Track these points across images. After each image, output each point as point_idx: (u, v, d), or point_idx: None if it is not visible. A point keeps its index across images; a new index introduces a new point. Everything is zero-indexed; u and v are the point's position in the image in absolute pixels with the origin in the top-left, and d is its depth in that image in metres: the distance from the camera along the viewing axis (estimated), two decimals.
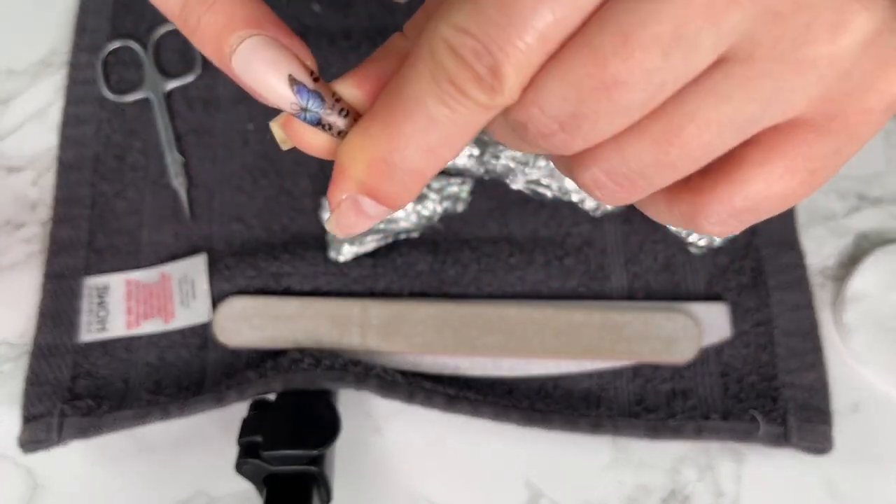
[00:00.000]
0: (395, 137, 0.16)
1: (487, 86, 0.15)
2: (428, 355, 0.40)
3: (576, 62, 0.15)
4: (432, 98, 0.16)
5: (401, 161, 0.17)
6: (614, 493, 0.38)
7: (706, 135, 0.16)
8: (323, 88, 0.18)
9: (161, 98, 0.45)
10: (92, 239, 0.42)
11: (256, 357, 0.40)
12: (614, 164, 0.17)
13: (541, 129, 0.16)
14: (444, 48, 0.16)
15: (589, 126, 0.16)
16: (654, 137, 0.16)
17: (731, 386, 0.39)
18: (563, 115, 0.16)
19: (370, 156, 0.17)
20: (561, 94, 0.16)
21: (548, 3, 0.15)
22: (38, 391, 0.39)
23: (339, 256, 0.41)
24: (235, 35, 0.17)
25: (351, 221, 0.18)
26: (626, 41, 0.15)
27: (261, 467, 0.34)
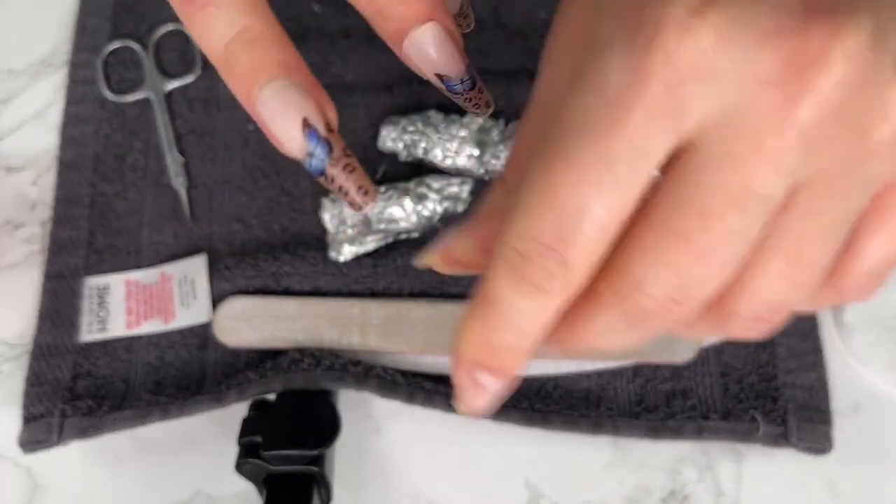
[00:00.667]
0: (491, 327, 0.18)
1: (559, 275, 0.17)
2: (428, 355, 0.40)
3: (663, 248, 0.16)
4: (513, 294, 0.18)
5: (501, 344, 0.19)
6: (614, 494, 0.38)
7: (823, 243, 0.17)
8: (335, 139, 0.19)
9: (161, 98, 0.45)
10: (92, 239, 0.42)
11: (256, 357, 0.40)
12: (755, 307, 0.18)
13: (655, 309, 0.17)
14: (514, 255, 0.17)
15: (697, 291, 0.17)
16: (778, 271, 0.17)
17: (731, 386, 0.39)
18: (671, 293, 0.17)
19: (477, 344, 0.19)
20: (661, 278, 0.17)
21: (593, 197, 0.16)
22: (38, 391, 0.39)
23: (340, 256, 0.41)
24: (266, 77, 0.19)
25: (472, 395, 0.20)
26: (704, 216, 0.16)
27: (261, 467, 0.34)
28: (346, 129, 0.43)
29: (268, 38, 0.19)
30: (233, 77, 0.19)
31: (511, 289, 0.18)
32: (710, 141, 0.16)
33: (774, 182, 0.16)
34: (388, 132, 0.42)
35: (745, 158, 0.16)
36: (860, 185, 0.17)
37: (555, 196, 0.16)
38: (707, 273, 0.17)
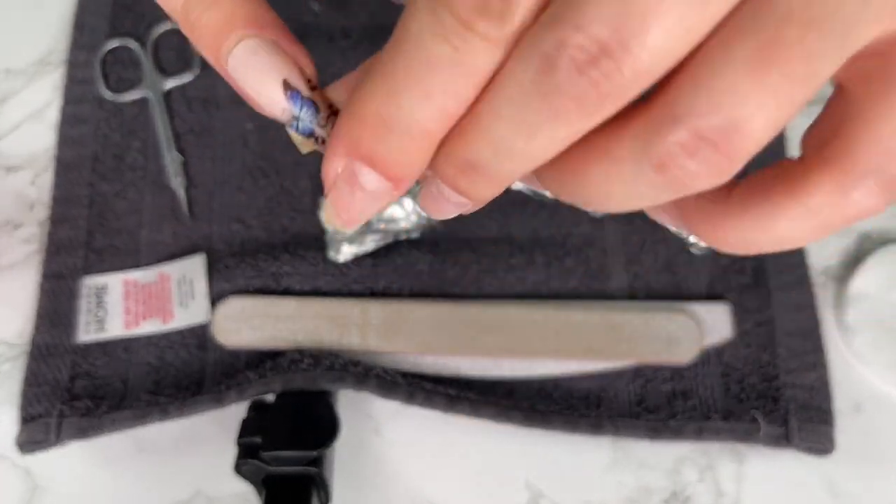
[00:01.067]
0: (391, 86, 0.14)
1: (496, 13, 0.13)
2: (428, 356, 0.40)
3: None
4: (431, 35, 0.13)
5: (398, 113, 0.14)
6: (615, 494, 0.38)
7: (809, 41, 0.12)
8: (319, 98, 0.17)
9: (160, 97, 0.44)
10: (90, 239, 0.42)
11: (256, 357, 0.40)
12: (701, 109, 0.13)
13: (576, 55, 0.12)
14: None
15: (639, 43, 0.12)
16: (746, 58, 0.12)
17: (732, 386, 0.39)
18: (605, 28, 0.12)
19: (365, 111, 0.14)
20: (604, 8, 0.12)
21: None
22: (36, 392, 0.39)
23: (339, 256, 0.40)
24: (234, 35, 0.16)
25: (347, 200, 0.16)
26: None
27: (260, 468, 0.34)
28: None
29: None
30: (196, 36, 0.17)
31: (430, 23, 0.13)
32: None
33: None
34: None
35: None
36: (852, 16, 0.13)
37: None
38: (659, 7, 0.12)
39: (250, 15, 0.16)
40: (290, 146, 0.43)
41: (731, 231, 0.15)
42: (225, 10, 0.16)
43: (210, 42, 0.17)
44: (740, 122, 0.13)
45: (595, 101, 0.13)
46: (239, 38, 0.16)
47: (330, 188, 0.16)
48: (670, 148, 0.13)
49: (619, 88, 0.13)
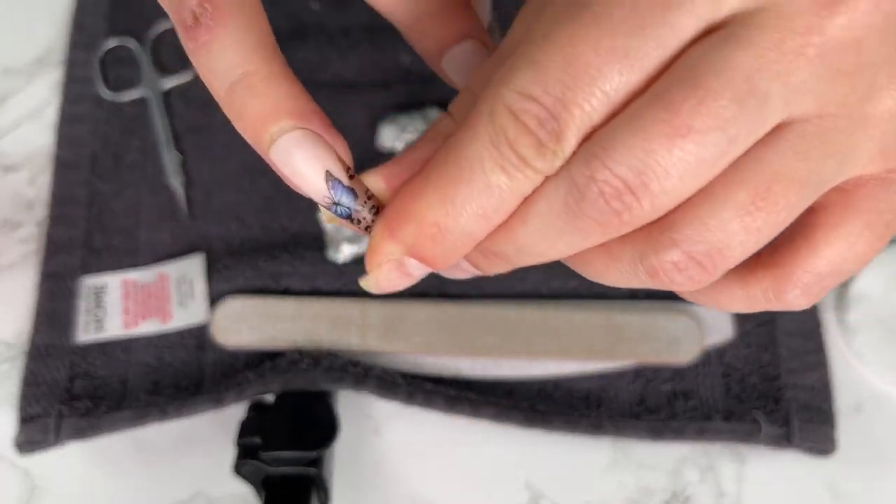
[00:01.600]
0: (450, 203, 0.16)
1: (549, 151, 0.15)
2: (428, 356, 0.39)
3: (645, 111, 0.15)
4: (491, 164, 0.16)
5: (454, 226, 0.16)
6: (615, 495, 0.38)
7: (791, 195, 0.16)
8: (357, 185, 0.18)
9: (159, 96, 0.44)
10: (89, 238, 0.42)
11: (255, 358, 0.39)
12: (695, 238, 0.16)
13: (604, 189, 0.15)
14: (505, 114, 0.15)
15: (658, 184, 0.15)
16: (739, 203, 0.16)
17: (732, 386, 0.39)
18: (630, 171, 0.15)
19: (422, 220, 0.17)
20: (629, 143, 0.15)
21: (616, 62, 0.15)
22: (35, 392, 0.39)
23: (339, 256, 0.40)
24: (278, 126, 0.18)
25: (391, 280, 0.18)
26: (699, 87, 0.15)
27: (259, 469, 0.34)
28: (346, 128, 0.43)
29: (274, 84, 0.18)
30: (240, 123, 0.18)
31: (492, 158, 0.16)
32: (735, 24, 0.15)
33: (778, 90, 0.15)
34: (388, 130, 0.42)
35: (763, 49, 0.15)
36: (848, 148, 0.16)
37: (573, 53, 0.15)
38: (675, 163, 0.15)
39: (294, 106, 0.18)
40: None
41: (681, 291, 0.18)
42: (271, 100, 0.17)
43: (253, 129, 0.18)
44: (725, 249, 0.16)
45: (616, 226, 0.16)
46: (283, 129, 0.18)
47: (374, 269, 0.18)
48: (664, 264, 0.16)
49: (636, 217, 0.16)
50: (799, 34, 0.15)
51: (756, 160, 0.16)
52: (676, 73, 0.15)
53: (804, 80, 0.15)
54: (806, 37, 0.15)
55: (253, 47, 0.18)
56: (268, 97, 0.17)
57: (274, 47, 0.18)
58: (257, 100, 0.17)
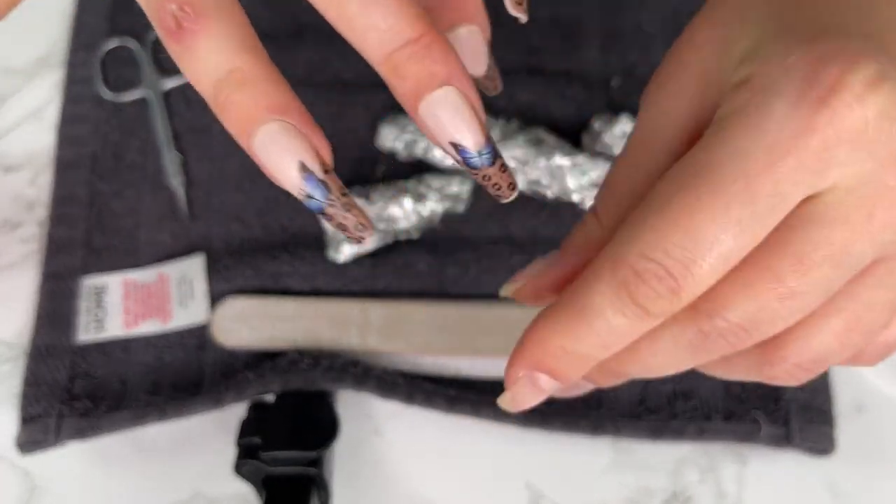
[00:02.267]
0: (575, 335, 0.19)
1: (667, 302, 0.18)
2: (428, 356, 0.39)
3: (757, 279, 0.18)
4: (613, 310, 0.18)
5: (577, 351, 0.19)
6: (616, 495, 0.38)
7: (877, 317, 0.19)
8: (331, 180, 0.19)
9: (159, 96, 0.44)
10: (89, 238, 0.42)
11: (255, 358, 0.39)
12: (804, 356, 0.20)
13: (724, 334, 0.19)
14: (629, 273, 0.18)
15: (766, 328, 0.18)
16: (837, 329, 0.19)
17: (732, 386, 0.39)
18: (745, 322, 0.18)
19: (552, 344, 0.20)
20: (745, 306, 0.18)
21: (729, 230, 0.17)
22: (35, 392, 0.39)
23: (339, 256, 0.40)
24: (259, 119, 0.18)
25: (526, 396, 0.21)
26: (802, 262, 0.17)
27: (260, 469, 0.34)
28: (346, 128, 0.43)
29: (259, 80, 0.18)
30: (225, 118, 0.19)
31: (613, 306, 0.18)
32: (833, 199, 0.17)
33: (868, 250, 0.18)
34: (388, 131, 0.42)
35: (856, 224, 0.17)
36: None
37: (691, 222, 0.17)
38: (783, 312, 0.18)
39: (274, 100, 0.18)
40: None
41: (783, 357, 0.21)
42: (252, 94, 0.18)
43: (237, 123, 0.19)
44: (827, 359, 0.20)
45: (730, 351, 0.19)
46: (263, 121, 0.18)
47: (511, 385, 0.21)
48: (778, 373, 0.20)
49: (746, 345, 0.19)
50: (887, 208, 0.17)
51: (850, 295, 0.19)
52: (782, 247, 0.18)
53: (890, 238, 0.18)
54: (891, 210, 0.18)
55: (236, 45, 0.18)
56: (251, 93, 0.18)
57: (255, 43, 0.19)
58: (241, 95, 0.18)
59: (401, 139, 0.42)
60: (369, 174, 0.43)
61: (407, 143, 0.42)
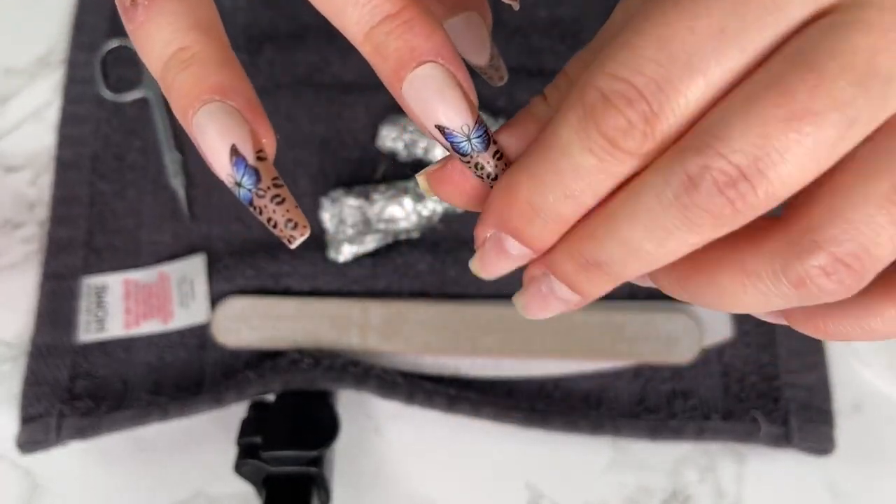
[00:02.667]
0: (540, 183, 0.16)
1: (639, 132, 0.15)
2: (428, 356, 0.40)
3: (758, 95, 0.14)
4: (579, 147, 0.16)
5: (544, 204, 0.17)
6: (615, 494, 0.38)
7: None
8: (264, 169, 0.18)
9: (160, 97, 0.44)
10: (90, 238, 0.42)
11: (255, 358, 0.39)
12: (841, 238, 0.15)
13: (717, 177, 0.14)
14: (595, 95, 0.15)
15: (774, 172, 0.14)
16: (883, 194, 0.15)
17: (732, 386, 0.39)
18: (745, 158, 0.14)
19: (516, 198, 0.17)
20: (744, 130, 0.14)
21: (711, 40, 0.14)
22: (36, 391, 0.39)
23: (339, 256, 0.40)
24: (200, 99, 0.17)
25: (493, 260, 0.18)
26: (814, 69, 0.14)
27: (260, 468, 0.34)
28: (346, 128, 0.43)
29: (205, 60, 0.18)
30: (171, 98, 0.18)
31: (579, 137, 0.15)
32: (849, 7, 0.14)
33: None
34: (388, 131, 0.42)
35: (885, 29, 0.14)
36: None
37: (668, 34, 0.14)
38: (795, 145, 0.14)
39: (218, 81, 0.18)
40: (290, 146, 0.43)
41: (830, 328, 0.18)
42: (195, 74, 0.17)
43: (180, 104, 0.18)
44: (872, 248, 0.15)
45: (729, 217, 0.15)
46: (204, 101, 0.17)
47: (479, 248, 0.18)
48: (810, 270, 0.15)
49: (751, 207, 0.15)
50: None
51: (892, 146, 0.15)
52: (789, 57, 0.14)
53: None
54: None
55: (187, 26, 0.18)
56: (196, 72, 0.17)
57: (210, 27, 0.18)
58: (186, 74, 0.17)
59: (401, 139, 0.42)
60: (369, 174, 0.43)
61: (407, 143, 0.42)
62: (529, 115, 0.19)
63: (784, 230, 0.15)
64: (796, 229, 0.15)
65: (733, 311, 0.17)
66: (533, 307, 0.19)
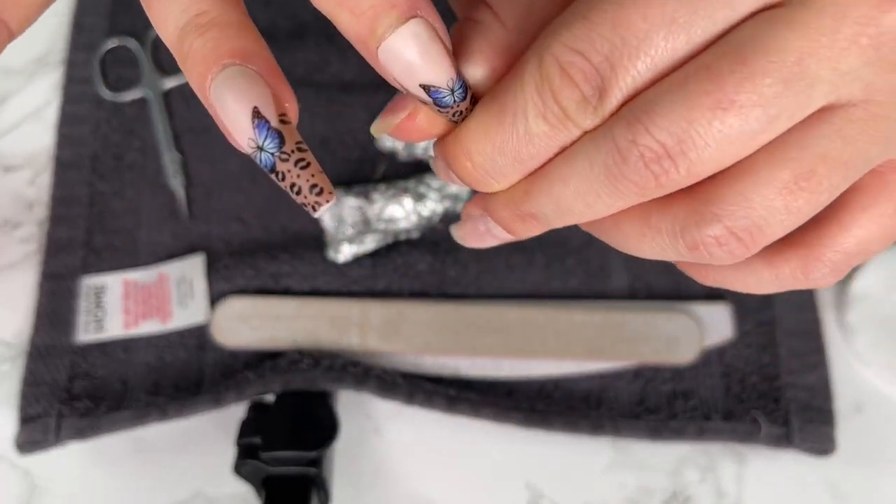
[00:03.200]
0: (491, 142, 0.17)
1: (591, 107, 0.16)
2: (428, 356, 0.39)
3: (690, 80, 0.15)
4: (534, 113, 0.16)
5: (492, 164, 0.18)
6: (615, 495, 0.38)
7: (835, 177, 0.16)
8: (288, 132, 0.17)
9: (159, 96, 0.44)
10: (89, 238, 0.42)
11: (255, 358, 0.39)
12: (738, 214, 0.16)
13: (644, 152, 0.16)
14: (553, 66, 0.16)
15: (696, 153, 0.16)
16: (783, 182, 0.16)
17: (732, 386, 0.39)
18: (671, 137, 0.15)
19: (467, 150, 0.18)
20: (672, 111, 0.15)
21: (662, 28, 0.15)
22: (35, 392, 0.39)
23: (339, 256, 0.40)
24: (219, 64, 0.17)
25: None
26: (746, 63, 0.15)
27: (259, 468, 0.34)
28: (346, 128, 0.43)
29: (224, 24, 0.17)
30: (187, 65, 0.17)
31: (534, 106, 0.16)
32: (792, 5, 0.15)
33: (825, 76, 0.15)
34: None
35: (817, 33, 0.15)
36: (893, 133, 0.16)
37: (623, 15, 0.15)
38: (716, 133, 0.15)
39: (238, 45, 0.17)
40: None
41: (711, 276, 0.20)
42: (214, 38, 0.17)
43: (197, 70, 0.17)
44: (765, 227, 0.16)
45: (652, 188, 0.16)
46: (223, 66, 0.17)
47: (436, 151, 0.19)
48: (705, 237, 0.17)
49: (673, 181, 0.16)
50: (855, 23, 0.15)
51: (802, 141, 0.16)
52: (725, 47, 0.15)
53: (855, 68, 0.15)
54: (862, 27, 0.15)
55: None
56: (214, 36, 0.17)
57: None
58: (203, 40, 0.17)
59: None
60: (369, 174, 0.43)
61: (407, 143, 0.42)
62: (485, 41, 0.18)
63: (689, 197, 0.17)
64: (701, 199, 0.17)
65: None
66: (470, 240, 0.21)
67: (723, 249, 0.17)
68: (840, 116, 0.16)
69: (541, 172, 0.17)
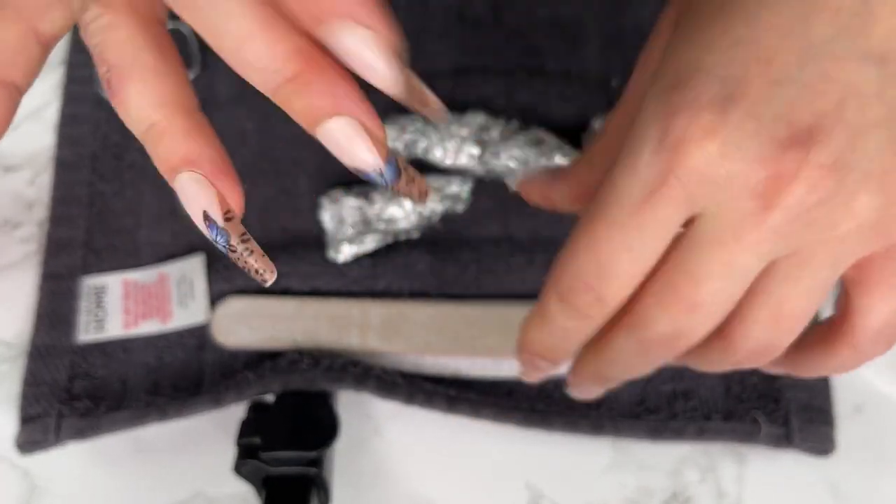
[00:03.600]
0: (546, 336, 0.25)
1: (596, 306, 0.22)
2: (428, 356, 0.39)
3: (664, 295, 0.21)
4: (562, 315, 0.23)
5: (552, 346, 0.25)
6: (615, 495, 0.38)
7: (803, 304, 0.21)
8: (231, 228, 0.21)
9: None
10: (89, 239, 0.42)
11: (255, 358, 0.39)
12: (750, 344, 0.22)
13: (658, 343, 0.22)
14: (565, 287, 0.23)
15: (690, 334, 0.22)
16: (764, 321, 0.22)
17: (732, 387, 0.39)
18: (669, 333, 0.22)
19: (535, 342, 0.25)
20: (662, 321, 0.22)
21: (625, 255, 0.21)
22: (35, 392, 0.39)
23: (339, 256, 0.40)
24: (174, 172, 0.21)
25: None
26: (694, 278, 0.21)
27: (259, 469, 0.34)
28: None
29: (173, 133, 0.21)
30: (156, 164, 0.21)
31: (561, 312, 0.23)
32: (705, 224, 0.21)
33: (752, 261, 0.21)
34: (388, 131, 0.42)
35: (729, 244, 0.20)
36: (832, 260, 0.21)
37: (596, 249, 0.22)
38: (696, 321, 0.21)
39: (185, 153, 0.21)
40: (289, 146, 0.43)
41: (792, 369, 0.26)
42: (167, 147, 0.21)
43: (162, 170, 0.21)
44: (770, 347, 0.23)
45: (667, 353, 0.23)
46: (177, 171, 0.21)
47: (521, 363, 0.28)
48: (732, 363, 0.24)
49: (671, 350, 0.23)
50: (751, 228, 0.20)
51: (765, 291, 0.21)
52: (675, 263, 0.21)
53: (769, 248, 0.20)
54: (758, 227, 0.20)
55: (155, 102, 0.21)
56: (167, 145, 0.21)
57: (177, 98, 0.21)
58: (160, 148, 0.21)
59: (401, 139, 0.42)
60: None
61: (407, 143, 0.42)
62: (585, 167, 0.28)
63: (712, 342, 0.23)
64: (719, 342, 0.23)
65: None
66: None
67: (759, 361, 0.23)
68: (782, 268, 0.21)
69: (598, 350, 0.25)
